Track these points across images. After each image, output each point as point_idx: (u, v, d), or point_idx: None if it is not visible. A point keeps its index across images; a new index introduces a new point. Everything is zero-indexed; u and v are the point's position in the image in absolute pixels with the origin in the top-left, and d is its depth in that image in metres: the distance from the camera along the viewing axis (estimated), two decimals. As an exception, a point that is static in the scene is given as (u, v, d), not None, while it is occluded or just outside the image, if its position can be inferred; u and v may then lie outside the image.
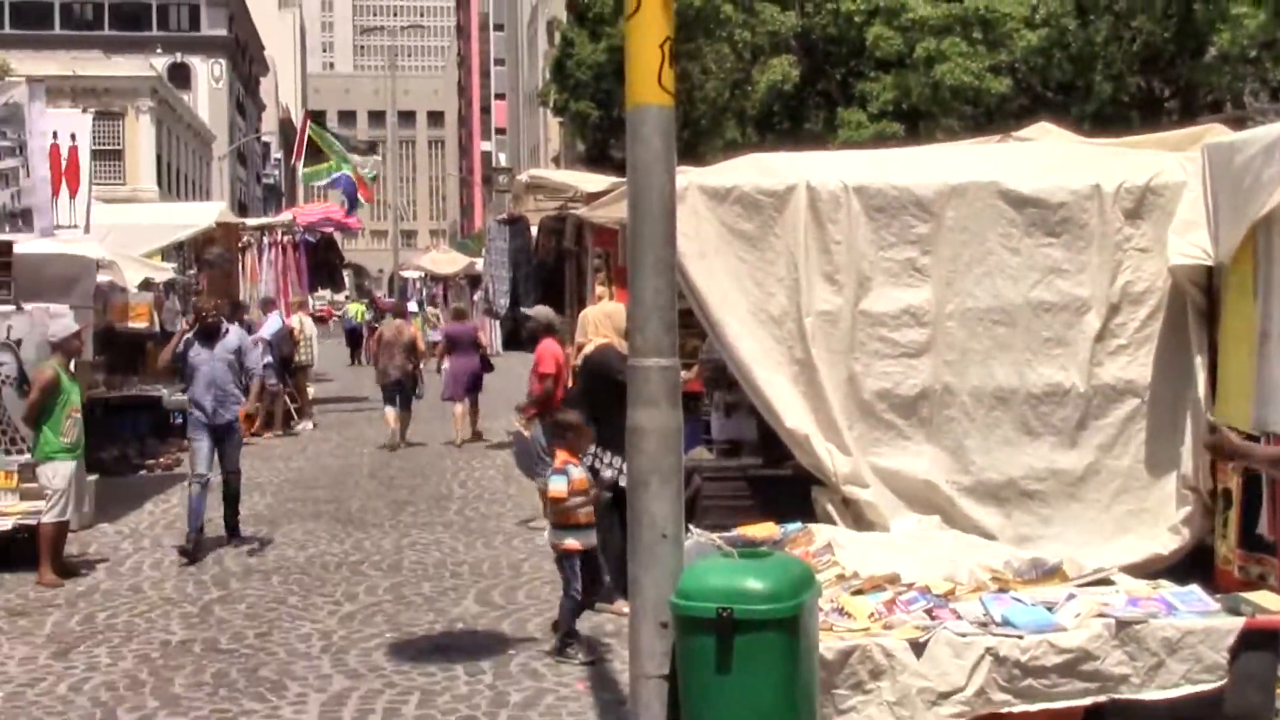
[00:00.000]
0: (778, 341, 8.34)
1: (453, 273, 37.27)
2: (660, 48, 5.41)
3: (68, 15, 71.03)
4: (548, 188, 16.24)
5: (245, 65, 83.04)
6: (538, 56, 75.21)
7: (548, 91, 39.80)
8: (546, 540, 7.77)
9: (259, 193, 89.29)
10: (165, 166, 59.08)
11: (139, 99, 56.14)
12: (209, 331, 11.34)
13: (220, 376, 11.13)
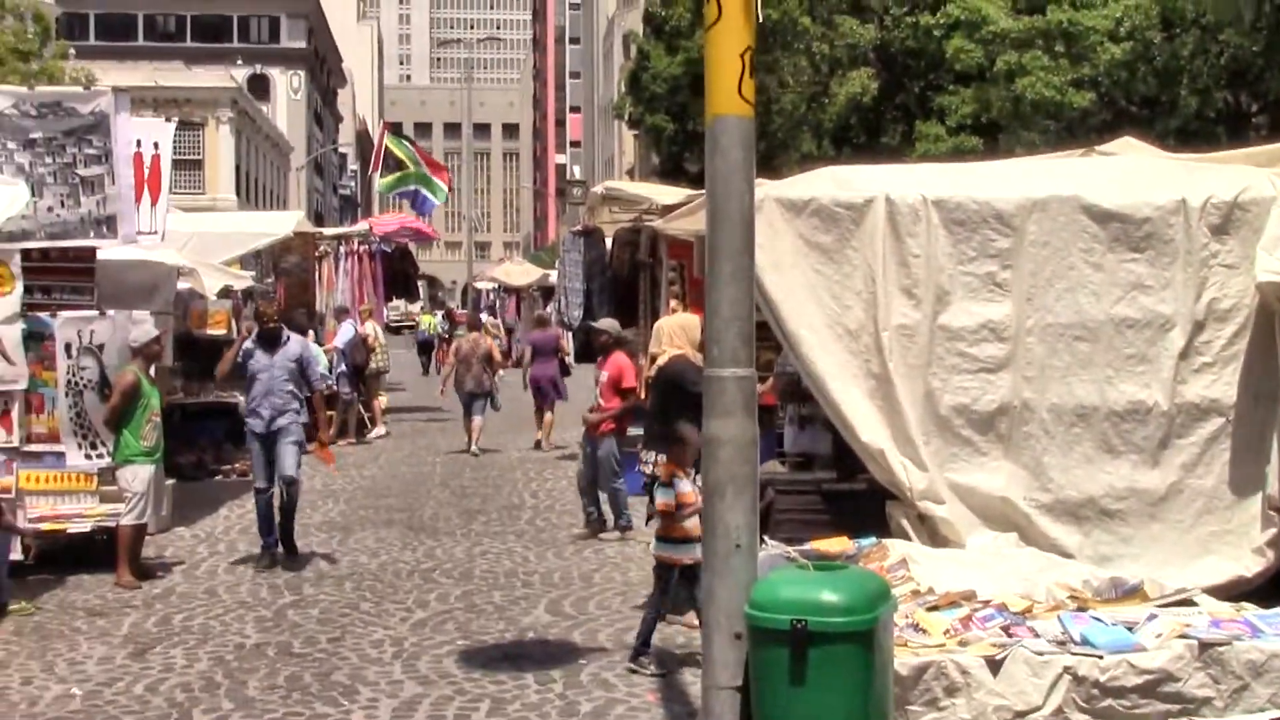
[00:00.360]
0: (854, 355, 8.33)
1: (526, 284, 37.48)
2: (741, 58, 5.43)
3: (151, 27, 72.46)
4: (623, 200, 16.32)
5: (323, 77, 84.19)
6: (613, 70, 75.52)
7: (623, 104, 39.97)
8: (651, 551, 7.72)
9: (335, 203, 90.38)
10: (244, 176, 60.01)
11: (219, 109, 57.08)
12: (270, 338, 11.06)
13: (278, 385, 10.86)
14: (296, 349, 11.10)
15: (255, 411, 10.86)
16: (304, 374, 11.10)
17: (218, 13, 74.25)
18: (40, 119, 11.25)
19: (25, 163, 11.20)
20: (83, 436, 10.98)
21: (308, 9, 75.72)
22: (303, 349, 11.23)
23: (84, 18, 65.68)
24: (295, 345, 11.16)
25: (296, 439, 10.94)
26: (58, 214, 11.32)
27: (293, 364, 10.98)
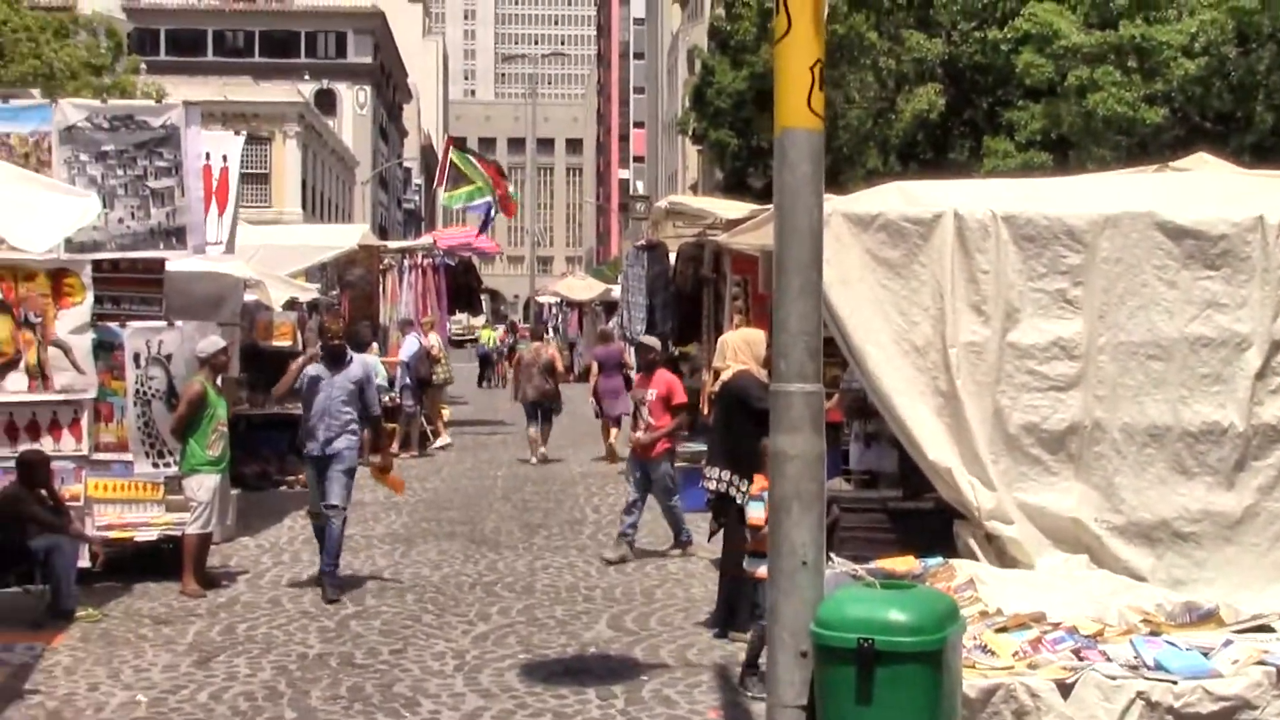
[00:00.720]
0: (921, 372, 8.25)
1: (588, 299, 37.65)
2: (810, 70, 5.41)
3: (220, 43, 73.51)
4: (686, 214, 16.31)
5: (389, 92, 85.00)
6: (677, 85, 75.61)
7: (687, 119, 39.99)
8: (746, 568, 7.66)
9: (399, 217, 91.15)
10: (310, 190, 60.64)
11: (286, 124, 57.74)
12: (334, 355, 10.62)
13: (336, 407, 10.38)
14: (359, 370, 10.65)
15: (311, 432, 10.44)
16: (362, 397, 10.57)
17: (286, 29, 75.20)
18: (112, 132, 11.45)
19: (97, 175, 11.40)
20: (150, 445, 11.14)
21: (374, 25, 76.49)
22: (364, 370, 10.76)
23: (155, 33, 66.80)
24: (358, 366, 10.71)
25: (349, 467, 10.44)
26: (128, 225, 11.52)
27: (353, 385, 10.49)
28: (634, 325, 16.87)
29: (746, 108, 33.49)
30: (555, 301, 42.17)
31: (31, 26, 29.89)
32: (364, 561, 11.49)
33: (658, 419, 11.54)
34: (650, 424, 11.57)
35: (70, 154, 11.31)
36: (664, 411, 11.55)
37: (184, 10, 74.79)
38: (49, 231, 9.47)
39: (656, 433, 11.52)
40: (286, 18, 78.39)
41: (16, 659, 8.26)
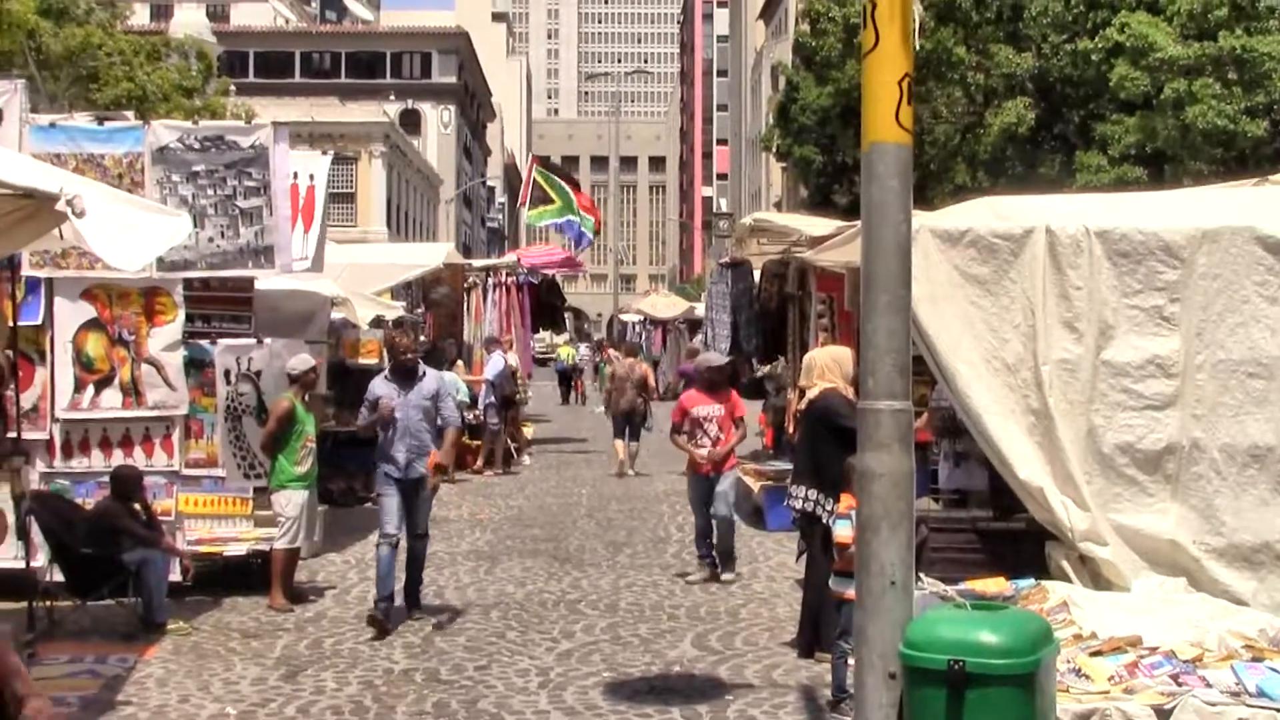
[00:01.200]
0: (1012, 390, 8.17)
1: (672, 316, 37.69)
2: (899, 84, 5.39)
3: (307, 64, 74.68)
4: (771, 231, 16.24)
5: (473, 111, 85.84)
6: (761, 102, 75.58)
7: (771, 136, 39.95)
8: (832, 587, 7.60)
9: (483, 235, 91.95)
10: (394, 209, 61.36)
11: (372, 144, 58.52)
12: (406, 372, 10.13)
13: (415, 425, 9.92)
14: (432, 385, 10.15)
15: (390, 455, 9.91)
16: (439, 412, 10.14)
17: (371, 50, 76.28)
18: (203, 152, 11.63)
19: (188, 194, 11.58)
20: (241, 460, 11.31)
21: (458, 45, 77.34)
22: (439, 384, 10.29)
23: (243, 56, 67.99)
24: (431, 381, 10.19)
25: (430, 486, 10.18)
26: (218, 244, 11.68)
27: (428, 401, 10.04)
28: (719, 343, 16.86)
29: (831, 124, 33.41)
30: (639, 319, 42.24)
31: (125, 50, 30.56)
32: (448, 578, 11.58)
33: (726, 434, 11.52)
34: (718, 439, 11.49)
35: (162, 174, 11.50)
36: (731, 426, 11.59)
37: (272, 33, 76.13)
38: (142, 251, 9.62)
39: (727, 446, 11.50)
40: (372, 39, 79.61)
41: (109, 670, 8.43)
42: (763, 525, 14.19)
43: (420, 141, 72.42)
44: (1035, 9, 25.86)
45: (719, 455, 11.49)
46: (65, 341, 11.00)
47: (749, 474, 15.77)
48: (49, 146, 11.02)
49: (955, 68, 26.75)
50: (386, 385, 10.11)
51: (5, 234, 7.58)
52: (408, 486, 9.93)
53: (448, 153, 76.81)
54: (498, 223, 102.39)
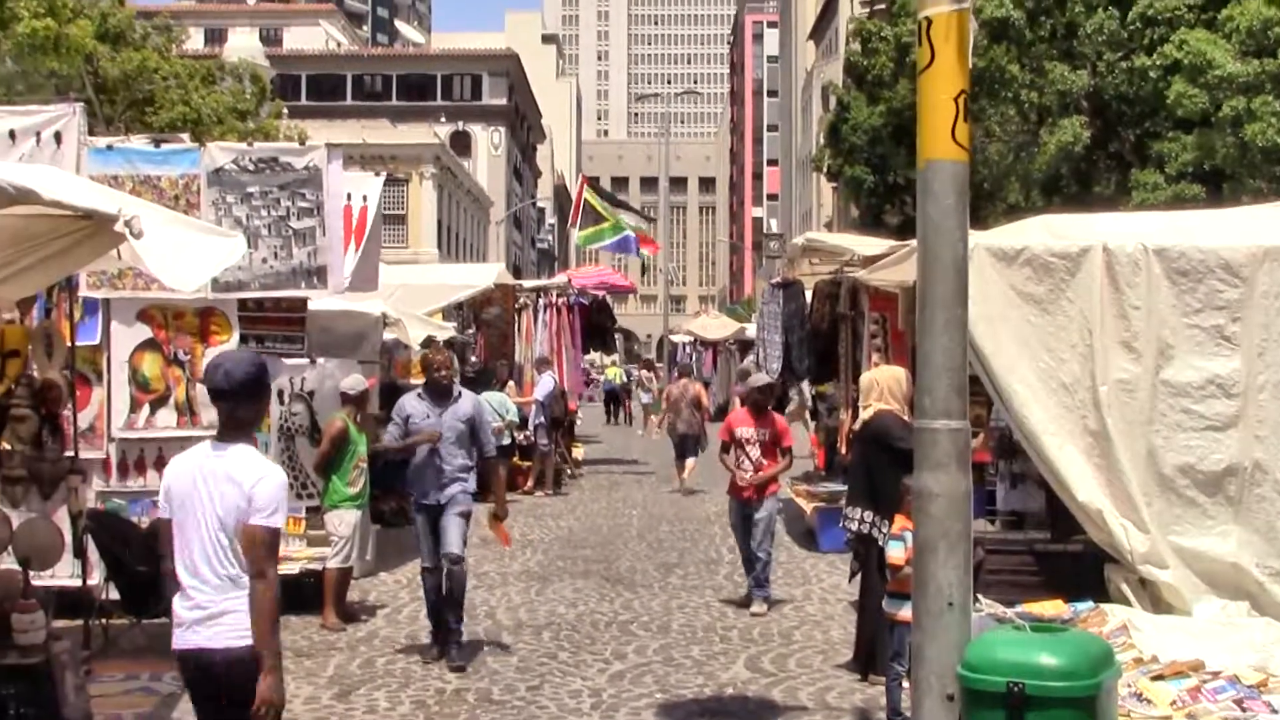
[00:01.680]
0: (1069, 410, 8.10)
1: (723, 337, 37.62)
2: (954, 101, 5.36)
3: (359, 87, 75.39)
4: (823, 251, 16.21)
5: (523, 133, 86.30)
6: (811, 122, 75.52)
7: (821, 156, 39.86)
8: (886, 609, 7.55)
9: (533, 257, 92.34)
10: (445, 230, 61.73)
11: (423, 165, 58.95)
12: (440, 391, 9.60)
13: (446, 449, 9.44)
14: (468, 407, 9.62)
15: (418, 480, 9.57)
16: (474, 436, 9.61)
17: (422, 72, 76.94)
18: (257, 174, 11.73)
19: (242, 215, 11.68)
20: (293, 480, 11.41)
21: (508, 67, 77.84)
22: (475, 408, 9.73)
23: (296, 79, 68.69)
24: (467, 403, 9.67)
25: (464, 510, 9.54)
26: (271, 265, 11.75)
27: (463, 425, 9.49)
28: (770, 363, 16.80)
29: (882, 143, 33.31)
30: (689, 340, 42.20)
31: (181, 74, 31.02)
32: (499, 598, 11.61)
33: (769, 460, 11.28)
34: (762, 464, 11.23)
35: (217, 195, 11.60)
36: (775, 452, 11.31)
37: (324, 56, 77.01)
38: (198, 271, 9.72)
39: (769, 472, 11.20)
40: (423, 61, 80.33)
41: (164, 688, 8.49)
42: (815, 546, 14.14)
43: (471, 163, 72.90)
44: (1090, 26, 25.66)
45: (756, 480, 11.17)
46: (121, 361, 11.12)
47: (801, 495, 15.73)
48: (106, 169, 11.14)
49: (1008, 86, 26.56)
50: (418, 404, 9.62)
51: (65, 255, 7.69)
52: (437, 510, 9.47)
53: (498, 174, 77.25)
54: (547, 244, 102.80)
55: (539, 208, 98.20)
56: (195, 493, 4.94)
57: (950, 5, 5.30)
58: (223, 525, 4.89)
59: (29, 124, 10.63)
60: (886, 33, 32.25)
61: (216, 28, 76.51)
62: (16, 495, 8.75)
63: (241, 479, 4.89)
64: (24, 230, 7.36)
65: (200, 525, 4.92)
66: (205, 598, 4.89)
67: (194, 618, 4.90)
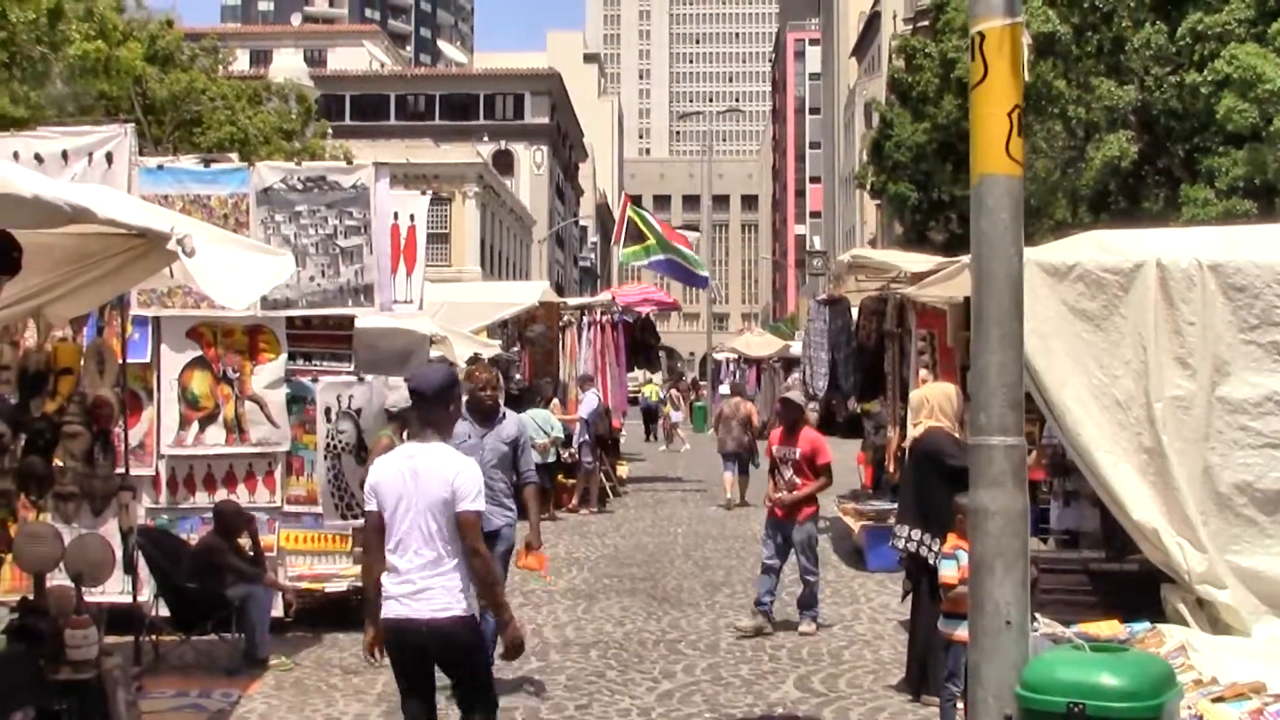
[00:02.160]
0: (1123, 428, 8.02)
1: (766, 355, 37.57)
2: (1008, 116, 5.33)
3: (402, 107, 75.92)
4: (870, 268, 16.16)
5: (565, 151, 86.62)
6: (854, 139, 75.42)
7: (865, 173, 39.78)
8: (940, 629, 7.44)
9: (575, 275, 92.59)
10: (488, 249, 62.00)
11: (466, 184, 59.23)
12: (484, 412, 9.01)
13: (488, 472, 8.32)
14: (513, 429, 9.07)
15: None
16: (516, 462, 9.02)
17: (465, 92, 77.38)
18: (305, 193, 11.79)
19: (290, 234, 11.75)
20: (339, 499, 11.41)
21: (550, 86, 78.19)
22: (519, 429, 9.17)
23: (340, 99, 69.28)
24: (512, 425, 9.11)
25: (507, 547, 8.95)
26: (318, 283, 11.81)
27: (506, 447, 8.96)
28: (816, 380, 16.75)
29: (926, 160, 33.21)
30: (732, 358, 42.16)
31: (228, 95, 31.40)
32: (546, 616, 11.60)
33: (803, 479, 11.01)
34: (795, 484, 11.00)
35: (266, 214, 11.69)
36: (809, 472, 10.99)
37: (368, 76, 77.67)
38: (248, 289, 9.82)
39: (800, 493, 10.93)
40: (466, 81, 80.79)
41: (214, 705, 8.54)
42: (863, 565, 14.04)
43: (513, 182, 73.21)
44: (1138, 41, 25.49)
45: (784, 501, 10.92)
46: (171, 379, 11.22)
47: (848, 513, 15.64)
48: (157, 188, 11.24)
49: (1055, 101, 26.41)
50: (461, 424, 8.36)
51: (118, 273, 7.76)
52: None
53: (540, 193, 77.55)
54: (590, 262, 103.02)
55: (581, 226, 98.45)
56: (404, 487, 5.80)
57: (1004, 19, 5.27)
58: (430, 513, 5.74)
59: (81, 144, 10.74)
60: (931, 49, 32.18)
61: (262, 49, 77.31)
62: (69, 511, 8.81)
63: (444, 472, 5.76)
64: (78, 249, 7.45)
65: (409, 514, 5.76)
66: (412, 576, 5.74)
67: (401, 592, 5.75)
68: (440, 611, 5.70)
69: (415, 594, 5.72)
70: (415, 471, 5.80)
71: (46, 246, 7.15)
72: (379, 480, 5.90)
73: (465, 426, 8.82)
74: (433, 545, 5.73)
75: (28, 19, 19.90)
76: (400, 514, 5.78)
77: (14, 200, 5.90)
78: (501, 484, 8.92)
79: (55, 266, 7.55)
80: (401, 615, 5.75)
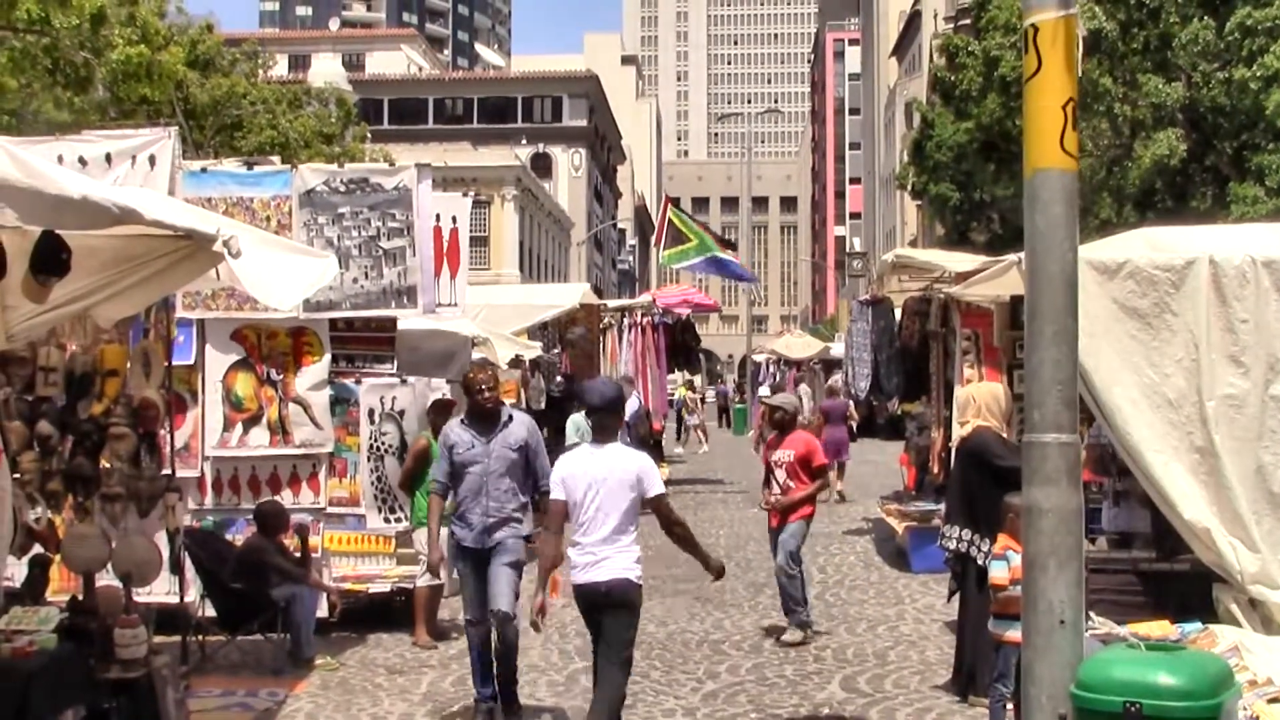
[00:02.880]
0: (1174, 427, 7.94)
1: (806, 357, 37.44)
2: (1062, 110, 5.30)
3: (440, 110, 76.26)
4: (913, 267, 16.09)
5: (603, 154, 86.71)
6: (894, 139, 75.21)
7: (905, 174, 39.63)
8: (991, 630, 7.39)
9: (614, 278, 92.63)
10: (526, 251, 62.17)
11: (504, 188, 59.42)
12: (485, 416, 8.36)
13: (493, 482, 8.25)
14: (521, 433, 8.38)
15: (462, 517, 8.37)
16: (529, 468, 8.40)
17: (502, 95, 77.62)
18: (348, 195, 11.85)
19: (333, 236, 11.81)
20: (382, 501, 11.48)
21: (588, 89, 78.32)
22: (529, 433, 8.45)
23: (378, 103, 69.63)
24: (519, 428, 8.41)
25: (514, 559, 8.31)
26: (361, 285, 11.86)
27: (514, 454, 8.30)
28: (858, 382, 16.71)
29: (968, 160, 33.04)
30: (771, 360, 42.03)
31: (268, 99, 31.64)
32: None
33: (797, 482, 10.81)
34: (788, 487, 10.80)
35: (309, 216, 11.75)
36: (803, 474, 10.82)
37: (406, 80, 78.04)
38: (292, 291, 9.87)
39: (795, 496, 10.76)
40: (503, 84, 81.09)
41: (260, 704, 8.60)
42: (908, 567, 13.98)
43: (551, 185, 73.35)
44: (1185, 37, 25.27)
45: (784, 503, 10.76)
46: (215, 381, 11.30)
47: (892, 514, 15.58)
48: (201, 191, 11.32)
49: (1101, 99, 26.22)
50: (463, 432, 8.42)
51: (164, 275, 7.80)
52: (483, 556, 8.28)
53: (578, 195, 77.67)
54: (628, 265, 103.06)
55: (619, 229, 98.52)
56: (592, 479, 7.04)
57: (1057, 11, 5.24)
58: (614, 499, 7.02)
59: (125, 147, 10.77)
60: (974, 47, 32.00)
61: (301, 54, 77.74)
62: (115, 512, 8.88)
63: (627, 465, 7.11)
64: (124, 251, 7.49)
65: (596, 501, 7.01)
66: (595, 550, 7.02)
67: (586, 563, 7.04)
68: (615, 575, 6.98)
69: (597, 564, 6.99)
70: (602, 466, 7.07)
71: (93, 249, 7.21)
72: (569, 474, 7.14)
73: (468, 435, 8.33)
74: (613, 525, 7.00)
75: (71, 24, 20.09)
76: (588, 501, 7.03)
77: (62, 201, 5.95)
78: (511, 496, 8.27)
79: (102, 269, 7.60)
80: (586, 580, 7.03)
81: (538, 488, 8.36)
